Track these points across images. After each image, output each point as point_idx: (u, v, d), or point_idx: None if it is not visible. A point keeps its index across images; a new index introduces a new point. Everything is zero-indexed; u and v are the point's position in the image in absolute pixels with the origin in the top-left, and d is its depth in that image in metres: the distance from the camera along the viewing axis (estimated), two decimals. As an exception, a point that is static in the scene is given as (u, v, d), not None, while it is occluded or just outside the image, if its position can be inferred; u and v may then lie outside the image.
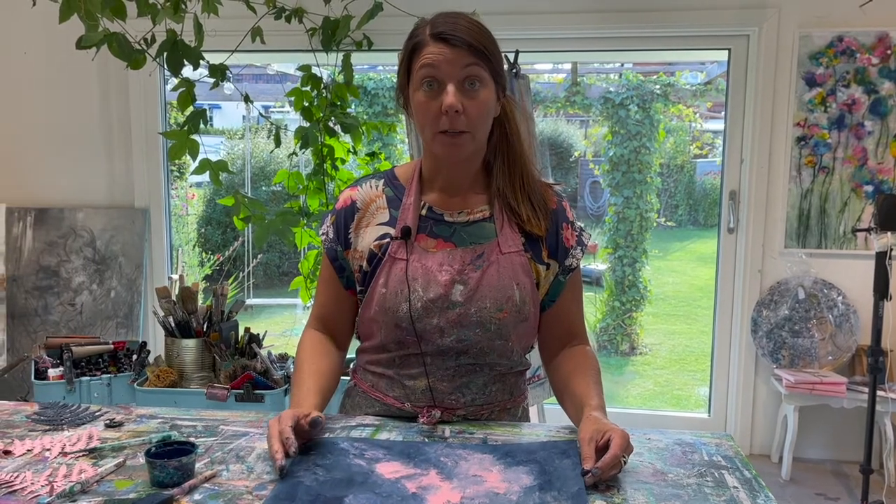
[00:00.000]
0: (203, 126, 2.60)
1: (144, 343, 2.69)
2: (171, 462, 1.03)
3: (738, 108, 3.34)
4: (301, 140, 2.78)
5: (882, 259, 2.70)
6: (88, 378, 2.46)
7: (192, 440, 1.11)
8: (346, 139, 2.98)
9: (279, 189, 7.13)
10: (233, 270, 6.70)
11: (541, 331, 1.35)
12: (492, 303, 1.24)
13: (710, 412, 3.58)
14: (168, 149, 2.84)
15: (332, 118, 2.85)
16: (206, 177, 2.60)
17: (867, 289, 2.85)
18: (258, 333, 2.61)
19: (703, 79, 6.87)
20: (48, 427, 1.26)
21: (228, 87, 2.99)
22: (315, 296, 1.43)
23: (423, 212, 1.30)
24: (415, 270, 1.25)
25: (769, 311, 3.30)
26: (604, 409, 1.20)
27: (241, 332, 2.60)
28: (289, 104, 2.97)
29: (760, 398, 3.42)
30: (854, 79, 3.17)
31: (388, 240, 1.29)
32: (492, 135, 1.28)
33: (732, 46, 3.33)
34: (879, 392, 2.88)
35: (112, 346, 2.63)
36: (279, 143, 2.92)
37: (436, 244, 1.28)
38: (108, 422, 1.28)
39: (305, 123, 2.87)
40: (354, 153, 3.03)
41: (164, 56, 2.43)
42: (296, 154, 2.97)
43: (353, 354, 1.44)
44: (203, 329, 2.50)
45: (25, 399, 2.65)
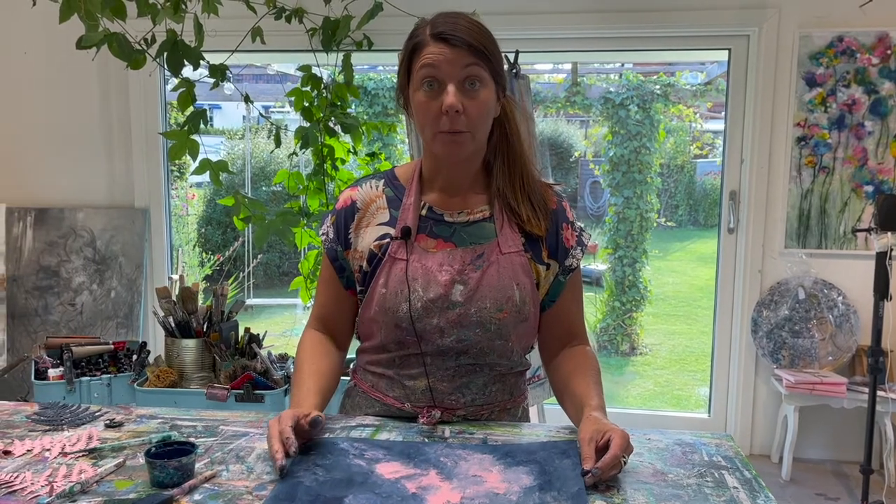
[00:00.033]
0: (203, 126, 2.60)
1: (144, 343, 2.69)
2: (171, 462, 1.03)
3: (739, 109, 3.34)
4: (301, 140, 2.78)
5: (882, 259, 2.70)
6: (88, 378, 2.46)
7: (192, 440, 1.11)
8: (347, 139, 2.98)
9: (279, 189, 7.13)
10: (233, 270, 6.70)
11: (541, 331, 1.35)
12: (492, 303, 1.24)
13: (711, 412, 3.58)
14: (168, 149, 2.84)
15: (333, 118, 2.85)
16: (207, 177, 2.60)
17: (867, 289, 2.85)
18: (258, 333, 2.61)
19: (704, 79, 6.87)
20: (48, 427, 1.26)
21: (228, 88, 2.99)
22: (315, 296, 1.43)
23: (424, 212, 1.30)
24: (415, 270, 1.25)
25: (769, 312, 3.30)
26: (604, 410, 1.20)
27: (241, 333, 2.60)
28: (289, 104, 2.97)
29: (760, 398, 3.42)
30: (854, 79, 3.17)
31: (389, 240, 1.29)
32: (492, 135, 1.28)
33: (732, 46, 3.33)
34: (879, 392, 2.88)
35: (112, 347, 2.63)
36: (279, 144, 2.93)
37: (436, 244, 1.28)
38: (108, 422, 1.28)
39: (306, 123, 2.87)
40: (354, 153, 3.03)
41: (165, 56, 2.43)
42: (296, 154, 2.97)
43: (353, 354, 1.44)
44: (203, 329, 2.50)
45: (25, 399, 2.65)
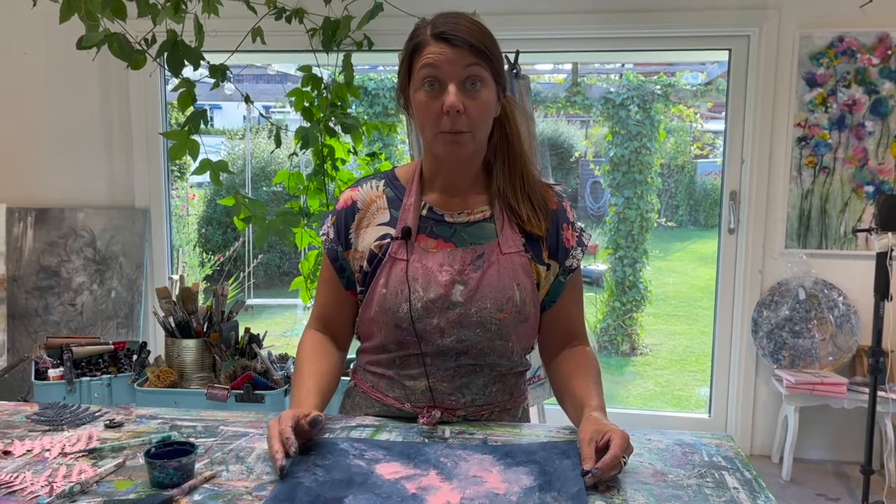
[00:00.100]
0: (203, 126, 2.60)
1: (144, 343, 2.69)
2: (171, 462, 1.03)
3: (739, 109, 3.34)
4: (301, 140, 2.78)
5: (882, 259, 2.70)
6: (89, 378, 2.46)
7: (192, 441, 1.11)
8: (347, 139, 2.98)
9: (280, 189, 7.13)
10: (233, 271, 6.70)
11: (541, 331, 1.35)
12: (492, 303, 1.24)
13: (711, 413, 3.58)
14: (168, 149, 2.85)
15: (333, 118, 2.85)
16: (207, 177, 2.60)
17: (868, 289, 2.85)
18: (258, 334, 2.61)
19: (704, 79, 6.86)
20: (48, 427, 1.26)
21: (229, 88, 2.99)
22: (315, 296, 1.42)
23: (424, 212, 1.30)
24: (415, 271, 1.25)
25: (770, 312, 3.30)
26: (604, 410, 1.20)
27: (242, 333, 2.60)
28: (289, 104, 2.97)
29: (761, 399, 3.42)
30: (854, 79, 3.17)
31: (389, 240, 1.28)
32: (492, 135, 1.28)
33: (733, 47, 3.33)
34: (880, 392, 2.88)
35: (112, 347, 2.63)
36: (280, 144, 2.93)
37: (436, 244, 1.28)
38: (108, 422, 1.28)
39: (306, 124, 2.87)
40: (355, 153, 3.03)
41: (165, 56, 2.43)
42: (296, 154, 2.97)
43: (354, 355, 1.44)
44: (203, 329, 2.50)
45: (25, 399, 2.65)
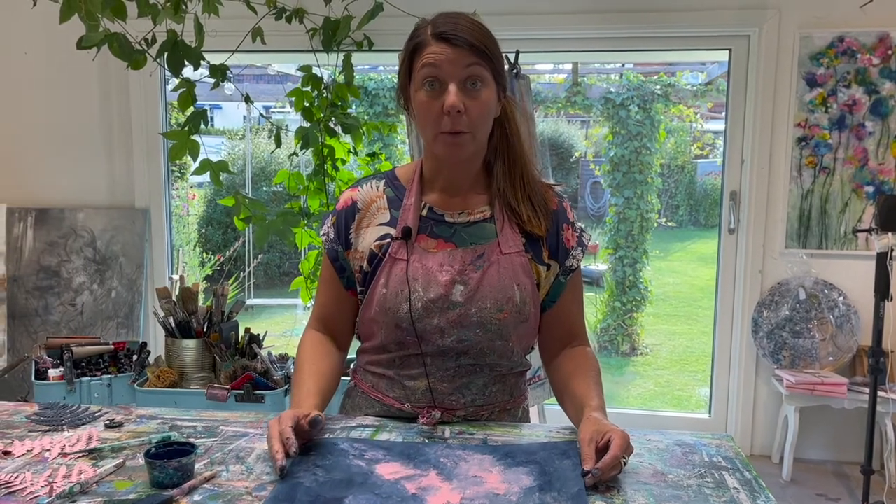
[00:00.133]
0: (204, 126, 2.60)
1: (145, 343, 2.69)
2: (171, 463, 1.03)
3: (739, 109, 3.34)
4: (302, 140, 2.78)
5: (883, 260, 2.70)
6: (89, 378, 2.46)
7: (192, 441, 1.11)
8: (347, 139, 2.98)
9: (280, 189, 7.13)
10: (233, 271, 6.70)
11: (541, 331, 1.35)
12: (492, 303, 1.24)
13: (711, 413, 3.58)
14: (169, 149, 2.85)
15: (333, 118, 2.85)
16: (207, 177, 2.60)
17: (868, 289, 2.84)
18: (258, 334, 2.61)
19: (704, 79, 6.86)
20: (48, 428, 1.26)
21: (229, 88, 2.99)
22: (316, 296, 1.42)
23: (424, 212, 1.30)
24: (415, 271, 1.25)
25: (770, 312, 3.30)
26: (604, 410, 1.20)
27: (242, 333, 2.60)
28: (289, 104, 2.97)
29: (761, 399, 3.42)
30: (855, 79, 3.17)
31: (389, 240, 1.28)
32: (492, 135, 1.28)
33: (733, 47, 3.32)
34: (880, 393, 2.88)
35: (112, 347, 2.63)
36: (280, 144, 2.93)
37: (436, 244, 1.28)
38: (108, 422, 1.28)
39: (306, 124, 2.87)
40: (355, 153, 3.03)
41: (165, 56, 2.43)
42: (296, 154, 2.97)
43: (354, 355, 1.43)
44: (203, 329, 2.50)
45: (25, 399, 2.65)
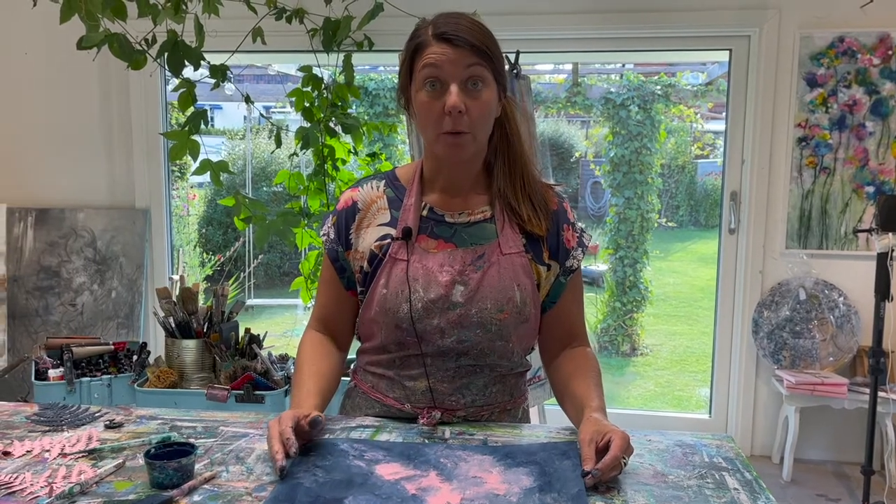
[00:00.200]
0: (204, 126, 2.60)
1: (145, 344, 2.69)
2: (171, 463, 1.03)
3: (740, 109, 3.34)
4: (302, 140, 2.78)
5: (883, 260, 2.70)
6: (89, 379, 2.46)
7: (192, 441, 1.11)
8: (347, 140, 2.98)
9: (280, 189, 7.13)
10: (233, 271, 6.71)
11: (541, 332, 1.35)
12: (492, 304, 1.24)
13: (711, 413, 3.58)
14: (169, 149, 2.84)
15: (333, 119, 2.85)
16: (207, 177, 2.60)
17: (868, 290, 2.84)
18: (258, 334, 2.61)
19: (704, 79, 6.86)
20: (48, 428, 1.26)
21: (229, 88, 2.99)
22: (316, 297, 1.42)
23: (424, 213, 1.30)
24: (415, 271, 1.25)
25: (770, 312, 3.30)
26: (604, 411, 1.20)
27: (242, 333, 2.60)
28: (290, 105, 2.97)
29: (761, 399, 3.41)
30: (855, 79, 3.17)
31: (389, 240, 1.28)
32: (492, 136, 1.28)
33: (733, 47, 3.32)
34: (880, 393, 2.88)
35: (112, 347, 2.63)
36: (280, 144, 2.93)
37: (436, 245, 1.28)
38: (108, 423, 1.28)
39: (306, 124, 2.87)
40: (355, 154, 3.03)
41: (165, 56, 2.43)
42: (297, 154, 2.97)
43: (354, 355, 1.43)
44: (203, 330, 2.50)
45: (25, 400, 2.65)
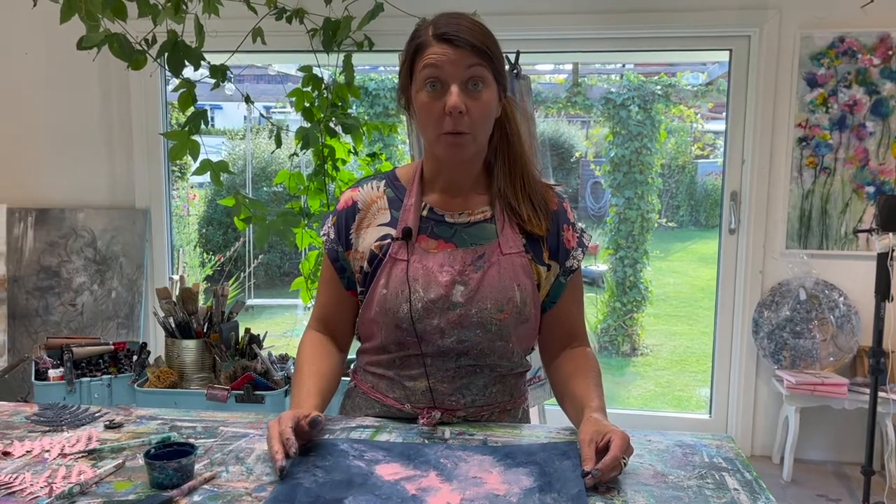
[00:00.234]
0: (204, 126, 2.60)
1: (145, 344, 2.69)
2: (171, 463, 1.03)
3: (740, 109, 3.34)
4: (302, 141, 2.78)
5: (883, 260, 2.69)
6: (89, 379, 2.46)
7: (192, 441, 1.11)
8: (347, 140, 2.97)
9: (280, 190, 7.13)
10: (234, 271, 6.71)
11: (541, 332, 1.35)
12: (492, 304, 1.24)
13: (711, 413, 3.58)
14: (169, 149, 2.84)
15: (333, 119, 2.85)
16: (207, 177, 2.60)
17: (868, 290, 2.84)
18: (259, 334, 2.61)
19: (705, 79, 6.86)
20: (48, 428, 1.26)
21: (229, 88, 2.99)
22: (316, 297, 1.42)
23: (425, 213, 1.30)
24: (415, 271, 1.25)
25: (770, 312, 3.30)
26: (604, 411, 1.20)
27: (242, 333, 2.60)
28: (290, 105, 2.97)
29: (761, 399, 3.41)
30: (855, 79, 3.17)
31: (389, 240, 1.28)
32: (493, 136, 1.28)
33: (734, 47, 3.32)
34: (881, 393, 2.87)
35: (112, 347, 2.63)
36: (280, 144, 2.92)
37: (437, 245, 1.28)
38: (108, 423, 1.28)
39: (306, 124, 2.87)
40: (355, 154, 3.03)
41: (165, 57, 2.43)
42: (297, 155, 2.97)
43: (354, 355, 1.43)
44: (203, 330, 2.50)
45: (25, 400, 2.65)
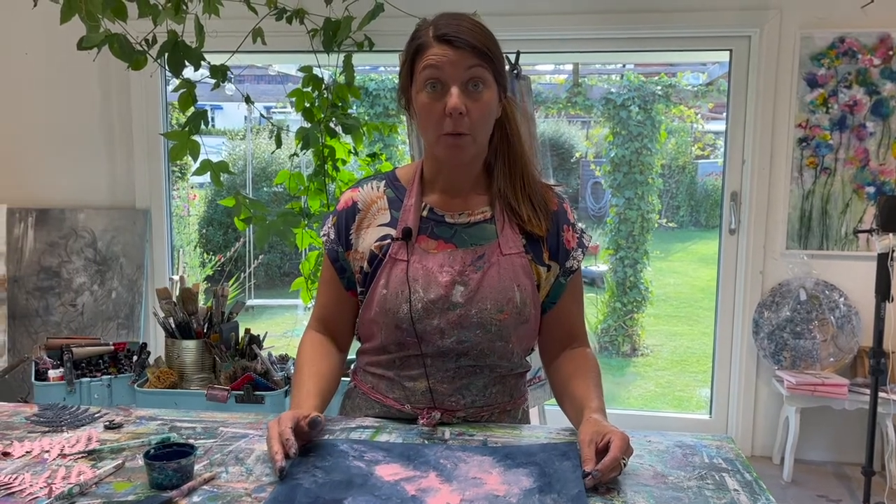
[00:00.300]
0: (204, 127, 2.61)
1: (145, 344, 2.69)
2: (170, 464, 1.02)
3: (740, 109, 3.34)
4: (302, 141, 2.78)
5: (883, 260, 2.69)
6: (89, 379, 2.46)
7: (192, 442, 1.11)
8: (348, 140, 2.98)
9: (280, 190, 7.13)
10: (234, 271, 6.71)
11: (541, 333, 1.35)
12: (492, 304, 1.24)
13: (712, 414, 3.58)
14: (169, 149, 2.84)
15: (334, 119, 2.85)
16: (208, 178, 2.60)
17: (869, 290, 2.84)
18: (259, 334, 2.61)
19: (705, 80, 6.86)
20: (47, 429, 1.26)
21: (230, 88, 2.99)
22: (316, 297, 1.42)
23: (425, 213, 1.30)
24: (415, 271, 1.25)
25: (770, 313, 3.30)
26: (604, 412, 1.20)
27: (242, 334, 2.60)
28: (290, 105, 2.97)
29: (762, 400, 3.41)
30: (856, 80, 3.16)
31: (389, 241, 1.28)
32: (493, 136, 1.28)
33: (734, 47, 3.32)
34: (881, 394, 2.87)
35: (112, 348, 2.63)
36: (280, 144, 2.93)
37: (437, 245, 1.28)
38: (108, 423, 1.28)
39: (307, 124, 2.87)
40: (355, 154, 3.03)
41: (166, 57, 2.43)
42: (297, 155, 2.97)
43: (354, 356, 1.43)
44: (203, 330, 2.50)
45: (25, 400, 2.65)
